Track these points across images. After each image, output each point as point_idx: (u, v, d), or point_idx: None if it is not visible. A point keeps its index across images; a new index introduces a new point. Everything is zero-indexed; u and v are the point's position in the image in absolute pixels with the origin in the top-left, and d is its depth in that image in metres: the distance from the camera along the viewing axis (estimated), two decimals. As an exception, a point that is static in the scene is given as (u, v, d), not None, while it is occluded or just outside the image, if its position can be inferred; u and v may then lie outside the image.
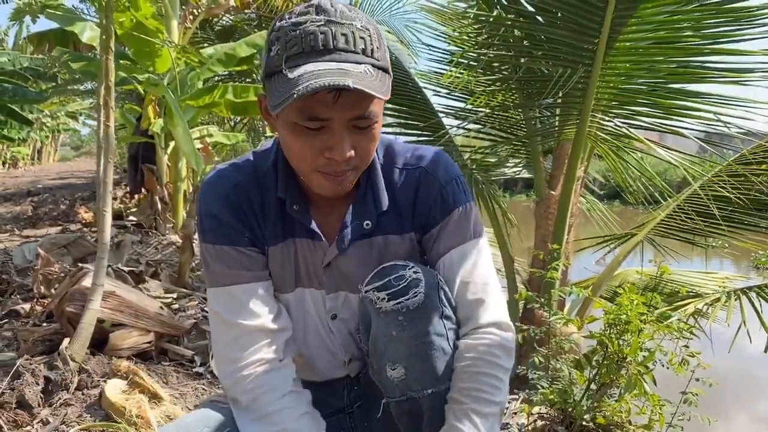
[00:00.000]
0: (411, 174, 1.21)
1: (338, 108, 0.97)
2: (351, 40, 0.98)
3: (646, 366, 1.95)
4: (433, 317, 1.08)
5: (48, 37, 6.61)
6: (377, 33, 1.02)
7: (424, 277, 1.09)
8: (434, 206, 1.19)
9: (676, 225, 3.70)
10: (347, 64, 0.96)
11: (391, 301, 1.07)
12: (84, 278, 2.49)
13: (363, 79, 0.94)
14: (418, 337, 1.07)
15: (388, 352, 1.09)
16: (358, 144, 1.04)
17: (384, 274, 1.10)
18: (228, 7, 5.96)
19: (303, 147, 1.03)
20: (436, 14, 4.15)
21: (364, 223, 1.18)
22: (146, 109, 5.37)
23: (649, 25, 3.04)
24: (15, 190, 11.86)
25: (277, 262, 1.20)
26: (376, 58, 1.00)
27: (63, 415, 1.94)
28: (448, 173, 1.21)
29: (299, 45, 0.97)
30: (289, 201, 1.16)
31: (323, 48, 0.96)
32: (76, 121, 26.38)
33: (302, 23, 0.98)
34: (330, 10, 0.98)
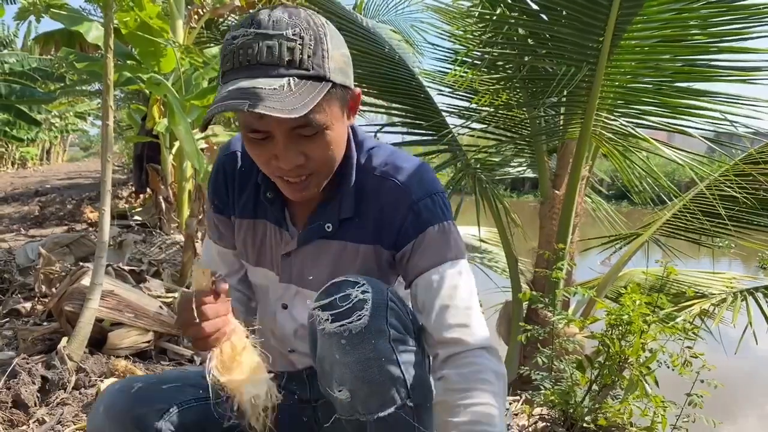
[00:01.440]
0: (383, 184, 1.16)
1: (270, 121, 0.98)
2: (275, 53, 0.97)
3: (648, 367, 1.92)
4: (378, 341, 1.02)
5: (54, 37, 6.64)
6: (316, 38, 0.99)
7: (372, 297, 1.03)
8: (405, 222, 1.14)
9: (682, 225, 3.66)
10: (264, 79, 0.96)
11: (335, 323, 1.02)
12: (83, 277, 2.48)
13: (271, 97, 0.93)
14: (361, 362, 1.01)
15: (333, 374, 1.04)
16: (308, 151, 1.04)
17: (331, 291, 1.05)
18: (233, 7, 5.95)
19: (255, 154, 1.07)
20: (441, 13, 4.12)
21: (326, 225, 1.18)
22: (151, 109, 5.36)
23: (655, 23, 3.01)
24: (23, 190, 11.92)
25: (241, 234, 1.28)
26: (306, 67, 0.98)
27: (59, 414, 1.93)
28: (423, 188, 1.15)
29: (230, 61, 0.99)
30: (264, 188, 1.20)
31: (248, 64, 0.97)
32: (84, 122, 26.51)
33: (237, 37, 0.99)
34: (263, 21, 0.98)
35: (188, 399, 1.18)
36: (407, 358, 1.05)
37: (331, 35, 1.02)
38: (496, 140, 3.96)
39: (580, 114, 3.23)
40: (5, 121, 14.97)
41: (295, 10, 1.01)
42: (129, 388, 1.16)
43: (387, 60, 3.82)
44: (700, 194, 3.55)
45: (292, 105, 0.93)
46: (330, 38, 1.02)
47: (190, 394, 1.19)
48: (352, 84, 1.08)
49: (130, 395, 1.14)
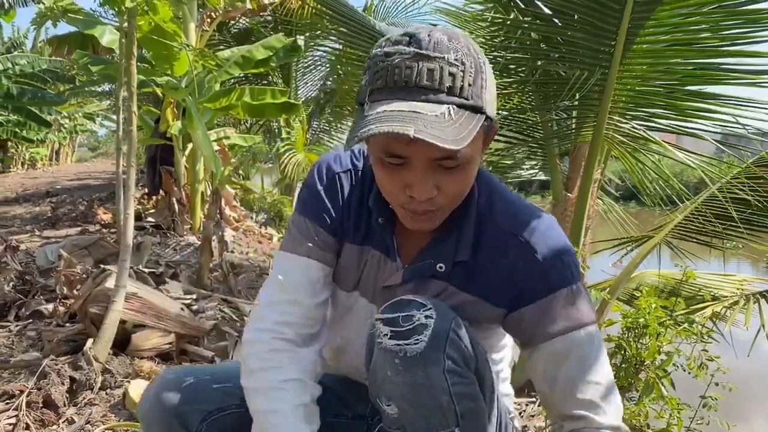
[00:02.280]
0: (506, 239, 1.09)
1: (416, 148, 0.92)
2: (437, 77, 0.91)
3: (664, 370, 1.96)
4: (432, 370, 0.98)
5: (67, 40, 6.70)
6: (476, 66, 0.94)
7: (435, 323, 0.99)
8: (528, 284, 1.07)
9: (694, 227, 3.68)
10: (424, 104, 0.90)
11: (392, 340, 0.99)
12: (107, 279, 2.53)
13: (434, 125, 0.88)
14: (411, 385, 0.99)
15: (383, 387, 1.02)
16: (443, 184, 0.98)
17: (397, 307, 1.02)
18: (244, 9, 6.01)
19: (386, 181, 1.01)
20: (452, 16, 4.16)
21: (438, 265, 1.11)
22: (165, 112, 5.42)
23: (667, 27, 3.04)
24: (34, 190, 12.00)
25: (346, 258, 1.20)
26: (465, 96, 0.92)
27: (88, 414, 1.98)
28: (551, 248, 1.08)
29: (383, 79, 0.93)
30: (376, 214, 1.14)
31: (404, 85, 0.91)
32: (93, 123, 26.64)
33: (392, 54, 0.93)
34: (423, 41, 0.93)
35: (236, 404, 1.18)
36: (460, 390, 1.01)
37: (488, 64, 0.97)
38: (508, 143, 3.99)
39: (593, 117, 3.26)
40: (15, 122, 15.12)
41: (454, 32, 0.96)
42: (181, 381, 1.18)
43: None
44: (711, 196, 3.57)
45: (453, 135, 0.88)
46: (488, 68, 0.97)
47: (238, 398, 1.17)
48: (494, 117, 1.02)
49: (179, 390, 1.16)
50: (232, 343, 2.72)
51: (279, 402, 1.10)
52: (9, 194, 11.34)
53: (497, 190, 1.15)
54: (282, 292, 1.18)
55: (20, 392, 1.98)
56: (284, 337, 1.16)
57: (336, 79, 7.84)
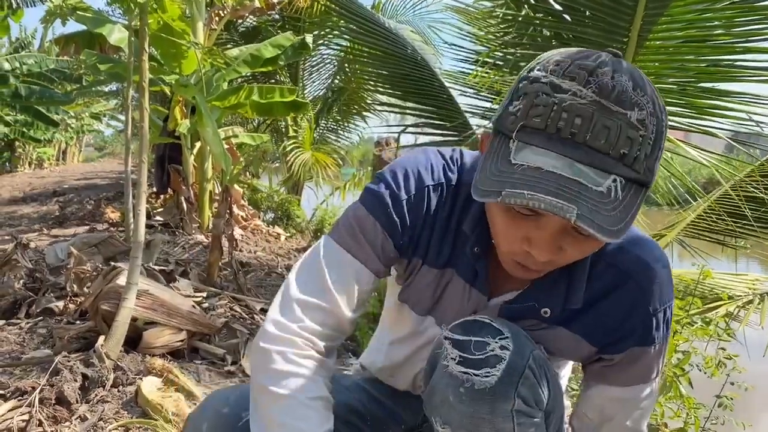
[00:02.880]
0: (620, 279, 0.98)
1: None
2: (612, 139, 0.76)
3: (682, 368, 1.94)
4: (499, 406, 0.90)
5: (74, 39, 6.70)
6: (657, 130, 0.78)
7: (510, 357, 0.90)
8: (632, 332, 0.99)
9: (706, 226, 3.65)
10: (589, 170, 0.76)
11: (460, 366, 0.91)
12: (118, 277, 2.53)
13: (598, 206, 0.76)
14: (473, 417, 0.91)
15: (441, 410, 0.94)
16: (568, 247, 0.86)
17: (469, 329, 0.93)
18: (252, 8, 6.00)
19: (505, 227, 0.89)
20: (462, 14, 4.14)
21: (542, 310, 1.00)
22: (173, 111, 5.42)
23: (680, 24, 3.01)
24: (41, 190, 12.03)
25: (423, 282, 1.08)
26: (637, 169, 0.78)
27: (100, 411, 1.98)
28: (662, 299, 0.98)
29: (544, 119, 0.78)
30: (473, 242, 1.00)
31: (570, 138, 0.76)
32: (99, 122, 26.72)
33: (563, 91, 0.77)
34: (606, 87, 0.76)
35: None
36: (526, 430, 0.94)
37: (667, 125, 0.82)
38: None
39: (605, 115, 3.24)
40: (23, 122, 15.17)
41: (640, 76, 0.80)
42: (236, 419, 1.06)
43: (410, 61, 3.85)
44: (724, 195, 3.55)
45: (614, 223, 0.76)
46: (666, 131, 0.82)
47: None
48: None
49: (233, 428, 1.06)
50: (243, 340, 2.71)
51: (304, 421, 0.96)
52: (17, 194, 11.39)
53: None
54: (326, 293, 1.03)
55: (32, 389, 1.97)
56: (315, 347, 1.03)
57: (344, 78, 7.82)
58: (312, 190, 8.58)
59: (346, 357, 2.91)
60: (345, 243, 1.04)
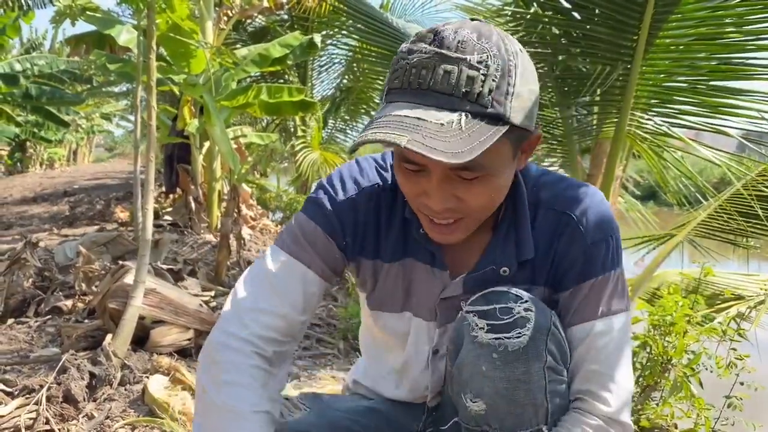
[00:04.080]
0: (556, 218, 1.04)
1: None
2: (452, 80, 0.84)
3: (692, 368, 1.92)
4: (533, 365, 0.94)
5: (85, 40, 6.74)
6: (503, 70, 0.85)
7: (535, 317, 0.95)
8: (573, 266, 1.03)
9: (717, 225, 3.62)
10: (433, 111, 0.84)
11: (490, 333, 0.94)
12: (125, 275, 2.53)
13: (435, 135, 0.81)
14: (509, 380, 0.94)
15: (471, 384, 0.97)
16: (463, 195, 0.92)
17: (491, 299, 0.97)
18: (261, 8, 6.01)
19: (405, 186, 0.96)
20: (470, 12, 4.12)
21: (501, 269, 1.04)
22: (182, 110, 5.43)
23: (691, 21, 2.99)
24: (52, 190, 12.12)
25: (390, 280, 1.12)
26: (483, 103, 0.84)
27: (107, 409, 1.98)
28: (602, 229, 1.02)
29: (399, 79, 0.88)
30: (416, 223, 1.04)
31: (418, 87, 0.85)
32: (110, 123, 26.89)
33: (413, 52, 0.87)
34: (447, 39, 0.85)
35: None
36: (555, 387, 0.98)
37: (522, 67, 0.88)
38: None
39: (615, 113, 3.21)
40: (34, 122, 15.28)
41: (487, 29, 0.88)
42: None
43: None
44: (736, 194, 3.51)
45: (457, 148, 0.81)
46: (521, 71, 0.88)
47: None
48: (533, 125, 0.93)
49: None
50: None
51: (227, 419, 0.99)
52: (28, 194, 11.47)
53: (542, 172, 1.09)
54: (271, 298, 1.05)
55: (40, 387, 1.98)
56: (264, 354, 1.04)
57: (352, 78, 7.82)
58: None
59: (354, 356, 2.89)
60: (288, 248, 1.09)
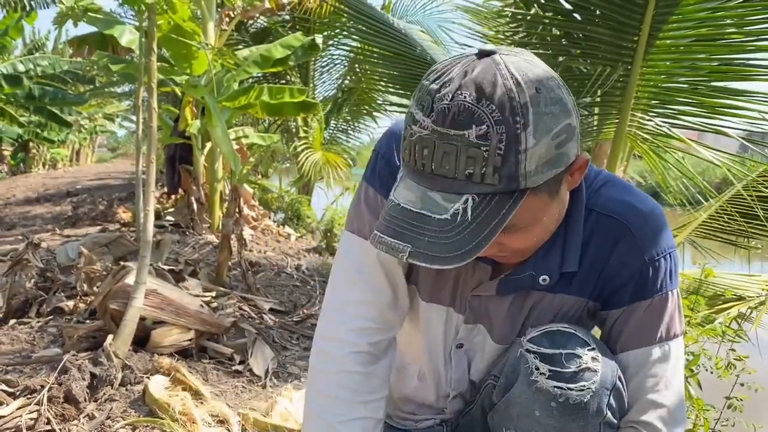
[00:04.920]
0: (611, 226, 0.96)
1: None
2: (453, 163, 0.77)
3: (691, 369, 1.91)
4: (591, 421, 0.90)
5: (87, 41, 6.75)
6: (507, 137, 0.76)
7: (601, 369, 0.90)
8: (627, 283, 0.96)
9: (718, 226, 3.62)
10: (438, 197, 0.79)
11: (552, 381, 0.89)
12: (127, 276, 2.54)
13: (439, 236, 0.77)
14: (563, 430, 0.91)
15: (519, 424, 0.94)
16: (505, 242, 0.87)
17: (556, 341, 0.92)
18: (263, 9, 6.02)
19: None
20: (471, 13, 4.13)
21: (541, 278, 0.97)
22: (184, 111, 5.45)
23: (691, 22, 2.99)
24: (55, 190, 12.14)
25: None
26: (490, 183, 0.77)
27: (108, 410, 1.98)
28: (659, 245, 0.95)
29: (406, 153, 0.82)
30: None
31: (423, 169, 0.80)
32: (112, 123, 26.93)
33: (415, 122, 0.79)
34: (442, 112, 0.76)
35: None
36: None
37: (536, 116, 0.77)
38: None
39: (615, 114, 3.22)
40: (37, 123, 15.31)
41: (492, 79, 0.77)
42: None
43: (420, 61, 3.84)
44: (736, 195, 3.51)
45: (463, 246, 0.77)
46: (533, 124, 0.77)
47: None
48: (572, 156, 0.83)
49: None
50: (251, 340, 2.72)
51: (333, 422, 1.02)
52: (31, 194, 11.49)
53: (599, 176, 1.01)
54: (354, 286, 1.04)
55: (41, 387, 1.99)
56: (358, 349, 1.04)
57: (354, 78, 7.83)
58: (322, 191, 8.60)
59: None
60: (355, 228, 1.05)
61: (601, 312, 1.01)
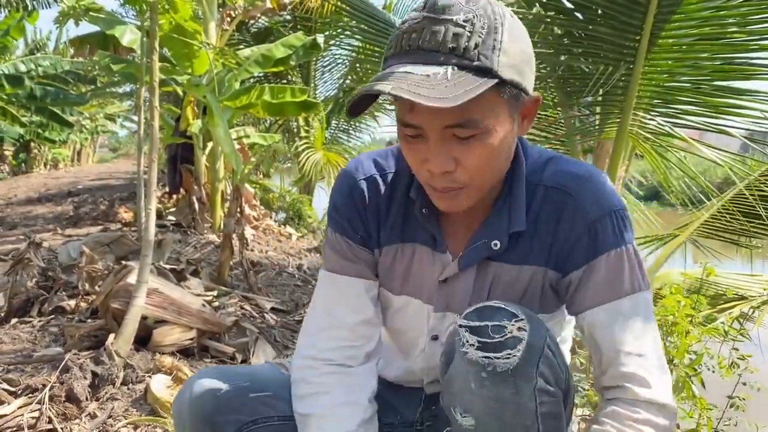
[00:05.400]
0: (556, 196, 1.03)
1: (424, 116, 0.90)
2: (439, 38, 0.88)
3: (694, 368, 1.91)
4: (523, 387, 0.92)
5: (89, 40, 6.76)
6: (489, 27, 0.88)
7: (528, 338, 0.92)
8: (579, 243, 1.01)
9: (720, 225, 3.61)
10: (421, 66, 0.87)
11: (480, 351, 0.91)
12: (128, 275, 2.54)
13: (421, 83, 0.85)
14: (498, 400, 0.93)
15: (461, 399, 0.96)
16: (461, 156, 0.93)
17: (484, 315, 0.94)
18: (264, 8, 6.03)
19: (408, 156, 0.98)
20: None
21: (492, 243, 1.03)
22: (185, 111, 5.45)
23: (693, 21, 2.98)
24: (56, 190, 12.15)
25: (387, 261, 1.14)
26: (469, 57, 0.87)
27: (110, 409, 1.99)
28: (601, 205, 1.01)
29: (395, 45, 0.92)
30: (419, 203, 1.06)
31: (408, 48, 0.90)
32: (114, 124, 26.94)
33: (406, 21, 0.92)
34: (434, 3, 0.90)
35: (271, 415, 1.13)
36: (547, 409, 0.95)
37: (510, 28, 0.91)
38: (529, 140, 3.94)
39: (617, 113, 3.21)
40: (38, 123, 15.32)
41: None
42: (217, 388, 1.10)
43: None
44: (738, 194, 3.50)
45: (443, 94, 0.83)
46: (508, 30, 0.90)
47: (277, 410, 1.13)
48: (530, 86, 0.94)
49: (214, 397, 1.10)
50: (253, 339, 2.72)
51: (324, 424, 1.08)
52: (32, 194, 11.50)
53: (541, 151, 1.09)
54: (326, 315, 1.15)
55: (43, 386, 1.99)
56: (333, 362, 1.13)
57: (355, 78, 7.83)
58: (324, 191, 8.60)
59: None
60: (328, 266, 1.17)
61: (563, 280, 1.05)
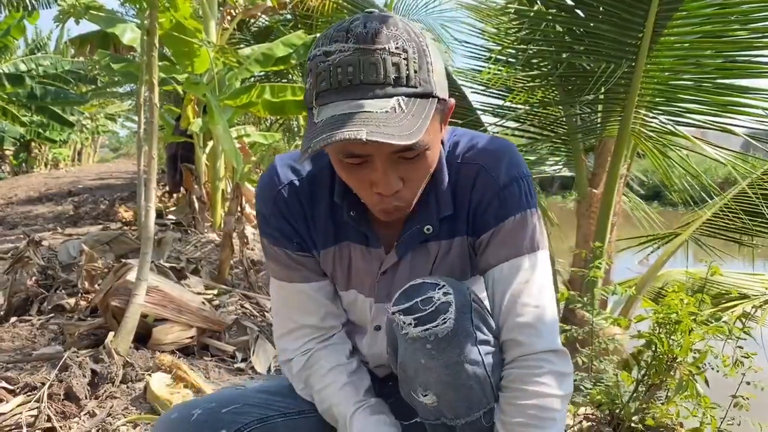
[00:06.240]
0: (470, 170, 1.09)
1: (374, 146, 0.89)
2: (381, 70, 0.88)
3: (698, 367, 1.90)
4: (465, 345, 0.98)
5: (89, 39, 6.75)
6: (418, 50, 0.91)
7: (454, 299, 0.98)
8: (489, 210, 1.08)
9: (722, 224, 3.61)
10: (373, 101, 0.88)
11: (418, 327, 0.96)
12: (128, 273, 2.52)
13: (386, 122, 0.86)
14: (449, 366, 0.98)
15: (418, 378, 1.01)
16: (407, 175, 0.97)
17: (411, 294, 0.99)
18: (265, 7, 6.01)
19: (351, 181, 0.99)
20: (474, 11, 4.11)
21: (425, 227, 1.10)
22: (185, 109, 5.43)
23: (696, 19, 2.98)
24: (57, 190, 12.13)
25: (328, 264, 1.17)
26: (413, 84, 0.90)
27: (109, 407, 1.97)
28: (509, 173, 1.08)
29: (327, 80, 0.90)
30: (346, 207, 1.10)
31: (349, 84, 0.89)
32: (114, 123, 26.95)
33: (332, 53, 0.90)
34: (360, 34, 0.89)
35: (250, 420, 1.14)
36: (492, 359, 1.02)
37: (430, 45, 0.94)
38: (531, 138, 3.94)
39: (619, 111, 3.20)
40: (39, 122, 15.33)
41: (391, 19, 0.93)
42: (188, 416, 1.10)
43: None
44: (741, 193, 3.49)
45: (407, 129, 0.86)
46: (432, 49, 0.94)
47: (252, 415, 1.14)
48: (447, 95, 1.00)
49: (189, 425, 1.09)
50: (253, 337, 2.70)
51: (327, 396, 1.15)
52: (32, 194, 11.49)
53: (454, 132, 1.14)
54: (287, 321, 1.21)
55: (42, 384, 1.97)
56: (309, 351, 1.19)
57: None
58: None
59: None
60: (275, 275, 1.20)
61: (477, 242, 1.12)
